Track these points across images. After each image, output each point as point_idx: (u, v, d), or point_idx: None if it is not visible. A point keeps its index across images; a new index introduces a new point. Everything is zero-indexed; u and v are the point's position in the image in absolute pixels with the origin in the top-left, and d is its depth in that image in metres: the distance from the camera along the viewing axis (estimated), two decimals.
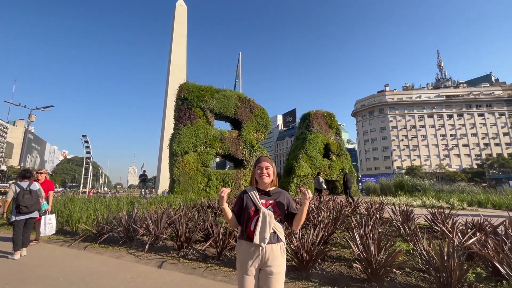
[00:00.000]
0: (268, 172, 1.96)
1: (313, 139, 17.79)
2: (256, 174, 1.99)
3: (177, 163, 12.55)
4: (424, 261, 3.33)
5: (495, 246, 3.33)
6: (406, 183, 16.94)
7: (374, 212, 6.42)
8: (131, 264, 4.33)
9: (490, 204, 11.15)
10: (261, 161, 2.01)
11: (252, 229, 1.83)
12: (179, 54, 31.39)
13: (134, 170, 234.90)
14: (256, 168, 2.01)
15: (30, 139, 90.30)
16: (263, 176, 1.95)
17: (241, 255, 1.87)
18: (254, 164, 2.07)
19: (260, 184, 2.00)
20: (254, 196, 1.93)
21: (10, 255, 4.76)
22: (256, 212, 1.87)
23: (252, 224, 1.84)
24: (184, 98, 13.65)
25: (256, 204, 1.89)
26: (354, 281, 3.35)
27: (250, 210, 1.89)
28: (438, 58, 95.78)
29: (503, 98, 73.83)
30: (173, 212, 6.30)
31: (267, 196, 1.95)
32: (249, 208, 1.89)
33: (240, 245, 1.91)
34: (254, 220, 1.85)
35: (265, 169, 1.96)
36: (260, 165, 1.99)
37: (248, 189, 2.02)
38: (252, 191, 1.96)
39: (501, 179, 55.15)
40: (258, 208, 1.88)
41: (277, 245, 1.85)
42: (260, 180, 1.97)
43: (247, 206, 1.91)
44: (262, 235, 1.79)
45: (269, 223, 1.81)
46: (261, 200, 1.91)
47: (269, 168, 1.98)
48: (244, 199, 1.95)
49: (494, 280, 3.10)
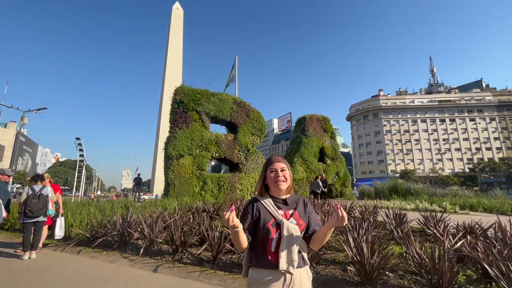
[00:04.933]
0: (285, 175, 1.53)
1: (308, 143, 17.92)
2: (269, 178, 1.54)
3: (172, 167, 12.49)
4: (416, 264, 3.39)
5: (485, 248, 3.41)
6: (400, 187, 17.12)
7: (368, 215, 6.48)
8: (125, 268, 4.30)
9: (482, 207, 11.35)
10: (274, 161, 1.57)
11: (273, 250, 1.39)
12: (175, 57, 31.41)
13: (128, 173, 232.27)
14: (268, 170, 1.55)
15: (22, 141, 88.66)
16: (279, 182, 1.51)
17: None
18: (264, 166, 1.60)
19: (274, 191, 1.56)
20: (270, 206, 1.49)
21: (20, 256, 4.97)
22: (277, 227, 1.43)
23: (273, 243, 1.40)
24: (180, 101, 13.65)
25: (276, 216, 1.45)
26: (348, 284, 3.39)
27: (268, 225, 1.42)
28: (431, 64, 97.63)
29: (493, 103, 75.56)
30: (168, 216, 6.27)
31: (285, 206, 1.52)
32: (267, 222, 1.43)
33: (257, 275, 1.40)
34: (275, 238, 1.41)
35: (281, 171, 1.53)
36: (273, 166, 1.54)
37: (259, 197, 1.56)
38: (266, 200, 1.53)
39: (492, 183, 56.19)
40: (278, 221, 1.43)
41: (304, 269, 1.45)
42: (275, 186, 1.52)
43: (264, 219, 1.44)
44: (290, 257, 1.36)
45: (295, 240, 1.40)
46: (280, 211, 1.48)
47: (285, 170, 1.54)
48: (259, 210, 1.48)
49: (484, 282, 3.17)
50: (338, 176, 18.67)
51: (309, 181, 16.12)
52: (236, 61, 23.90)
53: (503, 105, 74.87)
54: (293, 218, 1.46)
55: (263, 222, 1.43)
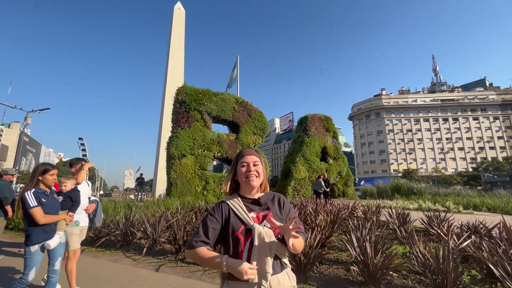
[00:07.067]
0: (257, 170, 1.33)
1: (311, 143, 17.88)
2: (239, 173, 1.34)
3: (174, 166, 12.52)
4: (420, 263, 3.37)
5: (490, 248, 3.38)
6: (402, 186, 17.03)
7: (371, 215, 6.46)
8: (128, 268, 4.32)
9: (485, 207, 11.26)
10: (245, 154, 1.37)
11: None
12: (177, 58, 31.45)
13: (130, 173, 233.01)
14: (239, 164, 1.35)
15: (25, 141, 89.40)
16: (250, 177, 1.31)
17: None
18: (234, 160, 1.41)
19: (244, 189, 1.36)
20: (239, 209, 1.28)
21: None
22: (247, 234, 1.23)
23: (244, 253, 1.21)
24: (182, 101, 13.67)
25: (246, 221, 1.24)
26: (352, 283, 3.38)
27: (237, 233, 1.23)
28: (433, 63, 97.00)
29: (497, 102, 74.94)
30: (171, 215, 6.29)
31: (257, 206, 1.32)
32: (236, 231, 1.24)
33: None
34: (246, 248, 1.21)
35: (253, 165, 1.32)
36: (244, 159, 1.34)
37: (226, 198, 1.35)
38: (235, 201, 1.31)
39: (496, 183, 55.81)
40: (249, 226, 1.23)
41: (283, 274, 1.25)
42: (246, 182, 1.32)
43: (233, 227, 1.24)
44: (263, 268, 1.17)
45: (269, 247, 1.19)
46: (251, 213, 1.28)
47: (258, 164, 1.34)
48: (227, 215, 1.28)
49: (488, 282, 3.14)
50: (340, 175, 18.62)
51: (311, 181, 16.10)
52: (237, 61, 23.90)
53: (507, 104, 74.22)
54: (266, 221, 1.26)
55: (232, 230, 1.24)
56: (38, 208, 2.65)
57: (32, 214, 2.61)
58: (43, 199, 2.74)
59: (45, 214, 2.70)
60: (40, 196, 2.72)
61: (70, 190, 3.22)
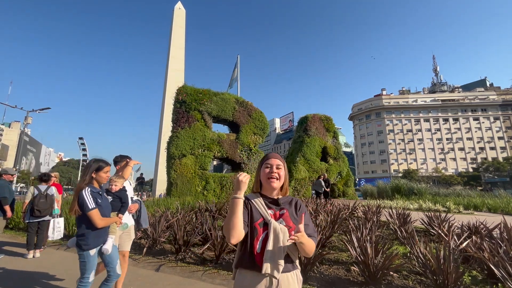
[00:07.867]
0: (279, 173, 1.45)
1: (311, 143, 17.87)
2: (263, 174, 1.47)
3: (174, 166, 12.52)
4: (420, 264, 3.36)
5: (491, 249, 3.38)
6: (402, 187, 17.02)
7: (372, 215, 6.45)
8: (128, 267, 4.29)
9: (486, 207, 11.25)
10: (271, 157, 1.50)
11: (259, 251, 1.30)
12: (177, 58, 31.43)
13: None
14: (263, 166, 1.48)
15: (26, 141, 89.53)
16: (272, 178, 1.43)
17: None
18: (260, 162, 1.53)
19: (266, 189, 1.48)
20: (260, 205, 1.41)
21: (25, 255, 5.05)
22: (264, 227, 1.34)
23: (258, 244, 1.31)
24: (182, 101, 13.67)
25: (264, 215, 1.37)
26: (352, 284, 3.37)
27: (256, 224, 1.35)
28: (434, 63, 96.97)
29: (497, 102, 74.88)
30: (171, 215, 6.29)
31: (275, 206, 1.44)
32: (255, 221, 1.35)
33: (241, 277, 1.33)
34: (262, 238, 1.32)
35: (276, 168, 1.45)
36: (269, 162, 1.47)
37: (250, 195, 1.48)
38: (256, 198, 1.45)
39: (496, 183, 55.81)
40: (267, 220, 1.35)
41: (293, 274, 1.35)
42: (267, 182, 1.44)
43: (252, 217, 1.37)
44: (275, 261, 1.25)
45: (283, 242, 1.29)
46: (269, 211, 1.40)
47: (280, 167, 1.46)
48: (249, 208, 1.40)
49: (489, 283, 3.14)
50: (341, 175, 18.61)
51: (311, 181, 16.09)
52: (238, 61, 23.90)
53: (507, 104, 74.14)
54: (282, 219, 1.38)
55: (251, 220, 1.36)
56: (96, 210, 2.45)
57: (91, 216, 2.41)
58: (99, 199, 2.55)
59: (102, 216, 2.51)
60: (96, 197, 2.52)
61: (119, 190, 3.02)
